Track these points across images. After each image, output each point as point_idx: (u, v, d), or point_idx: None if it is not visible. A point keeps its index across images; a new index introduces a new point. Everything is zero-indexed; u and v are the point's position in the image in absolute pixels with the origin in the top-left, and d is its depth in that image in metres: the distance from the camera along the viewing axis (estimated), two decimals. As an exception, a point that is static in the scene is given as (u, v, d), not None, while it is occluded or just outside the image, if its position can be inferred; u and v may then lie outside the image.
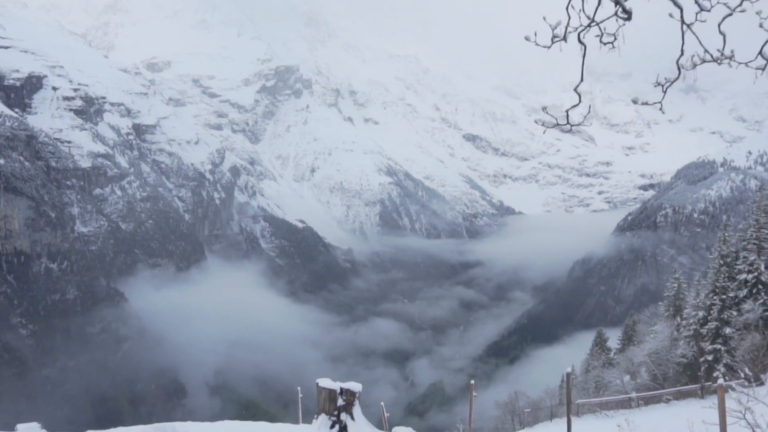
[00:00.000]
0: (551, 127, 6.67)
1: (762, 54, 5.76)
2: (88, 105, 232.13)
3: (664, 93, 6.25)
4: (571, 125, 6.65)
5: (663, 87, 6.22)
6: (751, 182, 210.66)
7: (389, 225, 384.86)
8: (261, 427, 15.03)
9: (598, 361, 55.48)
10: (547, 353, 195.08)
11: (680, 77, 6.07)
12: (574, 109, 6.67)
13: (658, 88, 7.07)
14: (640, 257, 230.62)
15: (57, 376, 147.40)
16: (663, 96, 6.32)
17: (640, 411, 27.87)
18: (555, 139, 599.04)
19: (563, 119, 28.48)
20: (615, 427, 15.63)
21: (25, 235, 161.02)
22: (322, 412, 11.71)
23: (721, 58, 5.89)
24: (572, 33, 5.79)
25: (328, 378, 12.07)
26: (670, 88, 6.08)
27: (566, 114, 6.55)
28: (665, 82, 6.12)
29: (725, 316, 37.23)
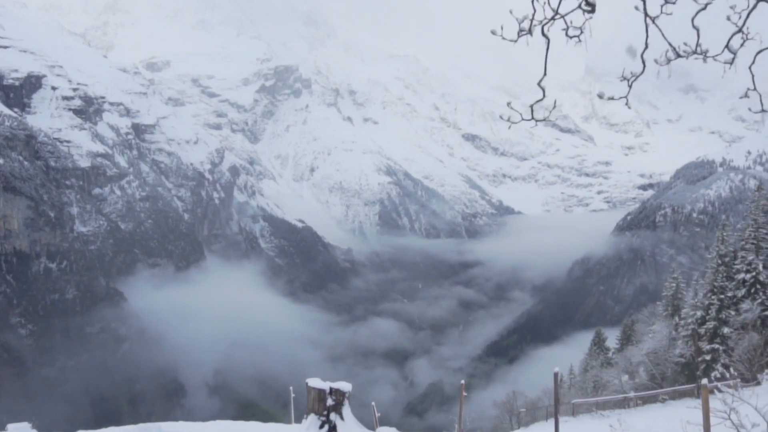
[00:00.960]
0: (517, 122, 6.63)
1: (728, 48, 5.72)
2: (87, 105, 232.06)
3: (629, 87, 6.14)
4: (536, 120, 6.61)
5: (629, 81, 6.15)
6: (750, 182, 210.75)
7: (388, 225, 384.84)
8: (252, 427, 15.04)
9: (596, 360, 55.51)
10: (546, 353, 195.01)
11: (643, 72, 6.00)
12: (539, 104, 6.62)
13: (658, 88, 7.11)
14: (639, 257, 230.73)
15: (56, 375, 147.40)
16: (628, 90, 6.21)
17: (636, 411, 27.93)
18: (554, 138, 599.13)
19: (562, 118, 29.06)
20: (610, 427, 15.67)
21: (24, 234, 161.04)
22: (312, 412, 11.68)
23: (695, 53, 5.81)
24: (538, 26, 5.75)
25: (319, 378, 12.06)
26: (668, 87, 6.07)
27: (530, 108, 6.53)
28: (631, 77, 6.06)
29: (723, 316, 37.30)
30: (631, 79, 6.15)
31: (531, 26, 5.77)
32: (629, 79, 6.14)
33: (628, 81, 6.16)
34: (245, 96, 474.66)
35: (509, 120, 6.62)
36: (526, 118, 6.59)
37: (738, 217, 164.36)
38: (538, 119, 6.59)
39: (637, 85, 28.84)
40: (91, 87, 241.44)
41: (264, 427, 14.96)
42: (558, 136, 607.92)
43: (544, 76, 6.16)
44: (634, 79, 6.11)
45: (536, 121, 6.63)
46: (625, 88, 6.36)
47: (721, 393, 8.55)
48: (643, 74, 6.11)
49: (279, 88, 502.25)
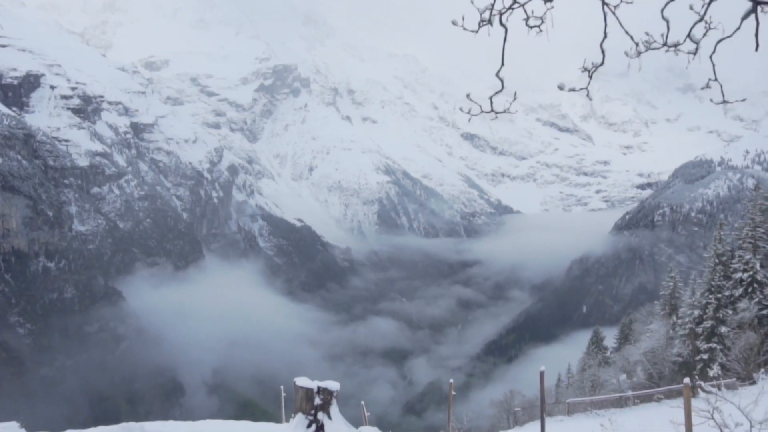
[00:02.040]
0: (476, 114, 6.63)
1: (690, 37, 5.72)
2: (85, 104, 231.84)
3: (590, 78, 6.09)
4: (495, 113, 6.62)
5: (589, 72, 6.13)
6: (748, 181, 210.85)
7: (387, 224, 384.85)
8: (241, 426, 15.00)
9: (594, 360, 55.59)
10: (544, 352, 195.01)
11: (603, 62, 5.97)
12: (497, 95, 6.61)
13: (656, 87, 7.12)
14: (637, 256, 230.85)
15: (55, 375, 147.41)
16: (589, 81, 6.19)
17: (631, 410, 27.96)
18: (553, 138, 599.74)
19: (560, 118, 29.04)
20: (601, 426, 15.69)
21: (22, 233, 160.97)
22: (299, 411, 11.67)
23: (665, 45, 5.75)
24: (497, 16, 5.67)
25: (307, 377, 12.04)
26: (666, 86, 6.07)
27: (490, 101, 6.52)
28: (591, 67, 6.02)
29: (721, 315, 37.35)
30: (591, 70, 6.09)
31: (491, 16, 5.70)
32: (590, 70, 6.09)
33: (589, 72, 6.11)
34: (244, 95, 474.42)
35: (469, 113, 6.61)
36: (485, 110, 6.59)
37: (736, 217, 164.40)
38: (497, 111, 6.58)
39: (635, 84, 29.34)
40: (89, 86, 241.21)
41: (254, 426, 14.94)
42: (557, 135, 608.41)
43: (501, 66, 6.15)
44: (593, 70, 6.06)
45: (496, 114, 6.62)
46: (624, 87, 6.33)
47: (705, 393, 8.58)
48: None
49: (278, 87, 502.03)
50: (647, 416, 22.55)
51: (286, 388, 11.71)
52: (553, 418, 30.67)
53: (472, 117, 6.75)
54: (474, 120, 54.54)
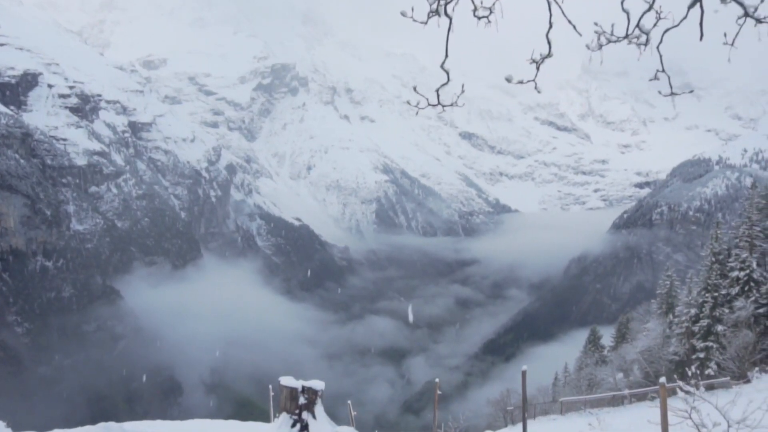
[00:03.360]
0: (423, 108, 6.62)
1: (639, 27, 5.71)
2: (83, 103, 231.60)
3: (537, 70, 6.01)
4: (443, 106, 6.58)
5: (537, 63, 6.06)
6: (746, 180, 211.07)
7: (385, 223, 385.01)
8: (229, 426, 15.02)
9: (591, 358, 55.65)
10: (543, 351, 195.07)
11: (549, 54, 5.92)
12: (443, 88, 6.57)
13: (654, 87, 7.09)
14: (635, 255, 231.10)
15: (53, 374, 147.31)
16: (536, 74, 6.10)
17: (626, 409, 28.04)
18: (551, 137, 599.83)
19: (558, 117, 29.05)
20: (589, 426, 15.76)
21: (20, 233, 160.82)
22: (284, 411, 11.65)
23: (627, 38, 5.75)
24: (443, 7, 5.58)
25: (291, 376, 12.02)
26: (664, 86, 6.08)
27: (436, 93, 6.49)
28: (539, 59, 5.96)
29: (717, 314, 37.44)
30: (539, 61, 6.02)
31: (438, 6, 5.63)
32: (537, 61, 6.01)
33: (537, 63, 6.02)
34: (242, 94, 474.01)
35: (417, 106, 6.58)
36: (432, 103, 6.56)
37: (734, 215, 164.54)
38: (444, 105, 6.54)
39: (633, 83, 29.42)
40: (87, 85, 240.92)
41: (240, 425, 14.97)
42: (555, 134, 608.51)
43: (446, 58, 6.10)
44: (541, 62, 6.00)
45: (443, 107, 6.58)
46: (622, 86, 6.32)
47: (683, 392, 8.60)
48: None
49: (276, 86, 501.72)
50: (640, 415, 22.63)
51: (275, 387, 11.69)
52: (546, 417, 30.78)
53: (420, 110, 6.70)
54: (472, 119, 54.78)
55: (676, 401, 8.82)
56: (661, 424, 10.07)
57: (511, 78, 6.16)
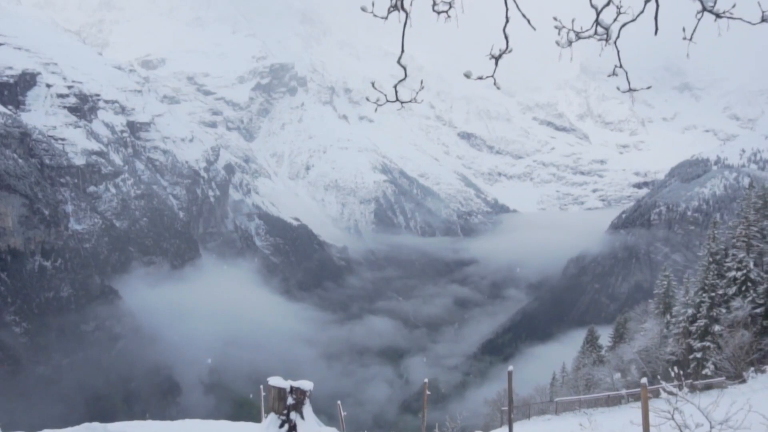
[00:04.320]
0: (382, 104, 6.61)
1: (599, 23, 5.68)
2: (82, 102, 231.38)
3: (495, 65, 5.96)
4: (401, 102, 6.55)
5: (496, 59, 6.07)
6: (744, 180, 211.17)
7: (384, 223, 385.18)
8: (219, 426, 15.06)
9: (588, 358, 55.75)
10: (541, 351, 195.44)
11: (508, 49, 5.88)
12: (401, 83, 6.54)
13: (653, 88, 7.12)
14: (634, 255, 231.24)
15: (51, 374, 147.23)
16: (495, 69, 6.05)
17: (620, 409, 28.09)
18: (549, 137, 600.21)
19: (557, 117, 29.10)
20: (580, 426, 15.80)
21: (18, 232, 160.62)
22: (272, 411, 11.65)
23: (596, 34, 5.72)
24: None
25: (280, 377, 12.04)
26: (663, 85, 6.06)
27: (395, 90, 6.48)
28: (498, 54, 5.92)
29: (714, 314, 37.52)
30: (497, 57, 6.00)
31: (397, 1, 5.60)
32: (496, 57, 5.98)
33: (496, 59, 6.00)
34: (241, 94, 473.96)
35: (376, 102, 6.56)
36: (390, 99, 6.53)
37: (732, 216, 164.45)
38: (403, 101, 6.51)
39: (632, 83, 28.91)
40: (86, 85, 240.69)
41: (231, 426, 15.00)
42: (553, 134, 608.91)
43: (402, 53, 6.08)
44: (500, 56, 5.97)
45: (402, 103, 6.54)
46: (613, 85, 6.36)
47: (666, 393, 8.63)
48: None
49: (274, 86, 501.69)
50: (634, 415, 22.67)
51: (266, 387, 11.69)
52: (541, 417, 30.85)
53: (379, 107, 6.68)
54: (471, 119, 54.69)
55: (661, 402, 8.84)
56: (642, 425, 10.11)
57: (470, 74, 6.11)
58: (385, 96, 6.27)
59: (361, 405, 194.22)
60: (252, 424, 15.08)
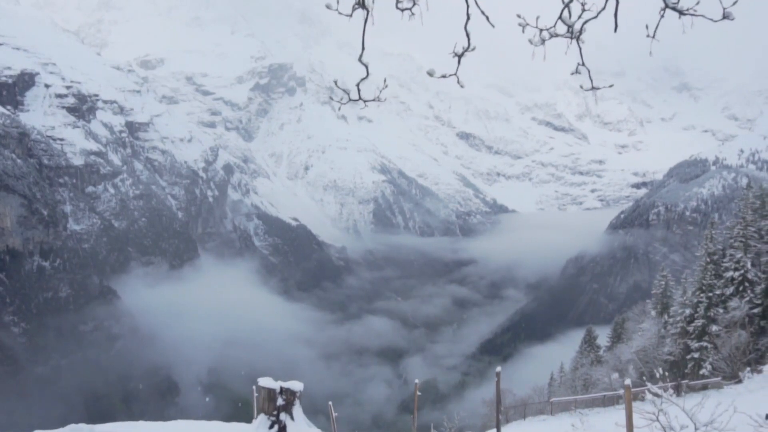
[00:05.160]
0: (345, 103, 6.65)
1: (562, 19, 5.67)
2: (80, 102, 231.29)
3: (458, 63, 5.96)
4: (364, 101, 6.59)
5: (458, 57, 6.08)
6: (743, 180, 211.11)
7: (383, 223, 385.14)
8: (211, 426, 15.09)
9: (586, 359, 55.82)
10: (539, 351, 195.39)
11: (471, 46, 5.85)
12: (363, 82, 6.57)
13: (651, 86, 7.18)
14: (632, 255, 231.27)
15: (50, 374, 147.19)
16: (458, 66, 6.05)
17: (615, 409, 28.13)
18: (548, 137, 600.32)
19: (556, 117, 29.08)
20: (572, 427, 15.86)
21: (17, 232, 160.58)
22: (262, 412, 11.66)
23: (569, 31, 5.70)
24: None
25: (270, 377, 12.06)
26: (661, 86, 6.09)
27: (357, 88, 6.51)
28: (461, 51, 5.92)
29: (712, 314, 37.60)
30: (460, 55, 5.99)
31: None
32: (459, 54, 5.98)
33: (458, 56, 5.99)
34: (239, 94, 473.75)
35: (340, 101, 6.59)
36: (353, 98, 6.56)
37: (731, 216, 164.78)
38: (366, 100, 6.53)
39: (630, 84, 29.41)
40: (84, 85, 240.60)
41: (223, 426, 15.03)
42: (552, 134, 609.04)
43: (363, 51, 6.12)
44: (462, 54, 5.96)
45: (365, 102, 6.56)
46: (619, 86, 6.20)
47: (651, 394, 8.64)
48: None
49: (273, 86, 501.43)
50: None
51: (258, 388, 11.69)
52: (536, 417, 30.91)
53: (342, 106, 6.71)
54: (469, 119, 54.66)
55: (647, 404, 8.85)
56: (626, 426, 10.14)
57: (432, 72, 6.08)
58: (347, 94, 6.32)
59: (359, 405, 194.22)
60: (243, 424, 15.13)
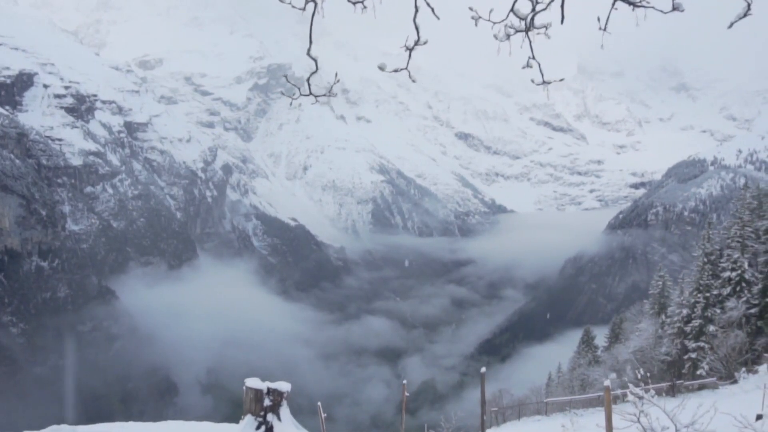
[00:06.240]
0: (296, 98, 6.71)
1: (514, 11, 5.69)
2: (79, 103, 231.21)
3: (409, 57, 6.02)
4: (315, 96, 6.64)
5: (409, 50, 6.11)
6: (741, 181, 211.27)
7: (381, 223, 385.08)
8: (200, 427, 15.14)
9: (584, 359, 55.91)
10: (538, 351, 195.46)
11: (420, 39, 5.89)
12: (313, 76, 6.60)
13: (650, 87, 7.22)
14: (630, 255, 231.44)
15: (48, 374, 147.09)
16: (408, 60, 6.10)
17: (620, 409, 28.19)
18: (547, 137, 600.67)
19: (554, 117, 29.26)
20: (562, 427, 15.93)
21: (15, 233, 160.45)
22: (248, 413, 11.67)
23: (533, 27, 5.72)
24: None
25: (257, 378, 12.10)
26: (660, 86, 6.12)
27: (308, 83, 6.56)
28: (412, 45, 5.98)
29: (709, 314, 37.70)
30: (411, 49, 6.05)
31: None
32: (410, 48, 6.06)
33: (409, 50, 6.07)
34: (238, 94, 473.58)
35: (291, 96, 6.62)
36: (304, 93, 6.60)
37: (729, 216, 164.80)
38: (317, 95, 6.56)
39: (629, 84, 29.61)
40: (83, 85, 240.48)
41: (212, 427, 15.09)
42: (550, 134, 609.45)
43: (310, 45, 6.18)
44: (413, 47, 6.03)
45: (316, 97, 6.59)
46: (617, 87, 6.23)
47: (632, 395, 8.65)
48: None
49: (272, 86, 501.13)
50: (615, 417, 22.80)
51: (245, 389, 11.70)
52: (531, 418, 31.03)
53: (294, 101, 6.75)
54: (468, 119, 54.77)
55: (629, 405, 8.87)
56: (605, 427, 10.16)
57: (384, 66, 6.15)
58: (298, 90, 6.40)
59: (358, 405, 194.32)
60: (232, 425, 15.19)
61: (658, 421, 8.14)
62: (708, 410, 8.26)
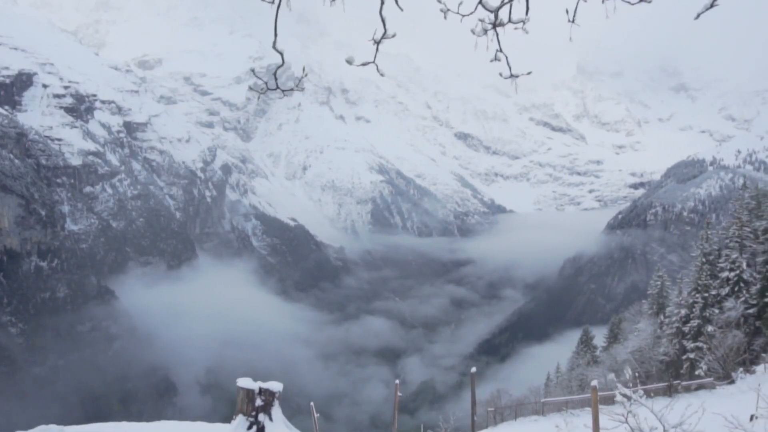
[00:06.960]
0: (263, 92, 6.72)
1: (483, 4, 5.66)
2: (78, 103, 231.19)
3: (376, 50, 5.97)
4: (282, 90, 6.62)
5: (376, 43, 6.05)
6: (740, 181, 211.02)
7: (381, 223, 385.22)
8: (194, 427, 15.16)
9: (583, 359, 55.94)
10: (537, 351, 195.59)
11: (387, 33, 5.84)
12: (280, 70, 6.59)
13: (649, 87, 7.24)
14: (630, 255, 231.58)
15: (47, 374, 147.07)
16: (375, 53, 6.03)
17: (606, 409, 28.17)
18: (546, 137, 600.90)
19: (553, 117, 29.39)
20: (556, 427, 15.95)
21: (14, 233, 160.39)
22: (240, 413, 11.69)
23: (510, 21, 5.68)
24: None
25: (249, 378, 12.12)
26: (659, 86, 6.11)
27: (275, 77, 6.55)
28: (380, 38, 5.91)
29: (707, 314, 37.72)
30: (378, 42, 5.99)
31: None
32: (377, 41, 5.99)
33: (377, 43, 6.01)
34: (237, 94, 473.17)
35: (259, 90, 6.61)
36: (271, 87, 6.58)
37: (728, 216, 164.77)
38: (285, 90, 6.53)
39: (628, 84, 29.72)
40: (82, 85, 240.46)
41: (203, 426, 15.11)
42: (550, 135, 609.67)
43: (275, 38, 6.15)
44: (380, 41, 5.97)
45: (283, 92, 6.57)
46: (616, 87, 6.18)
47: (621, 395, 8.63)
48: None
49: (272, 86, 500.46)
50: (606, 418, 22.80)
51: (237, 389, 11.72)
52: (527, 418, 31.05)
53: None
54: (467, 119, 54.74)
55: (617, 405, 8.86)
56: (592, 427, 10.17)
57: (351, 60, 6.14)
58: (266, 84, 6.40)
59: (357, 405, 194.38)
60: (224, 425, 15.21)
61: (646, 421, 8.14)
62: (696, 411, 8.26)
